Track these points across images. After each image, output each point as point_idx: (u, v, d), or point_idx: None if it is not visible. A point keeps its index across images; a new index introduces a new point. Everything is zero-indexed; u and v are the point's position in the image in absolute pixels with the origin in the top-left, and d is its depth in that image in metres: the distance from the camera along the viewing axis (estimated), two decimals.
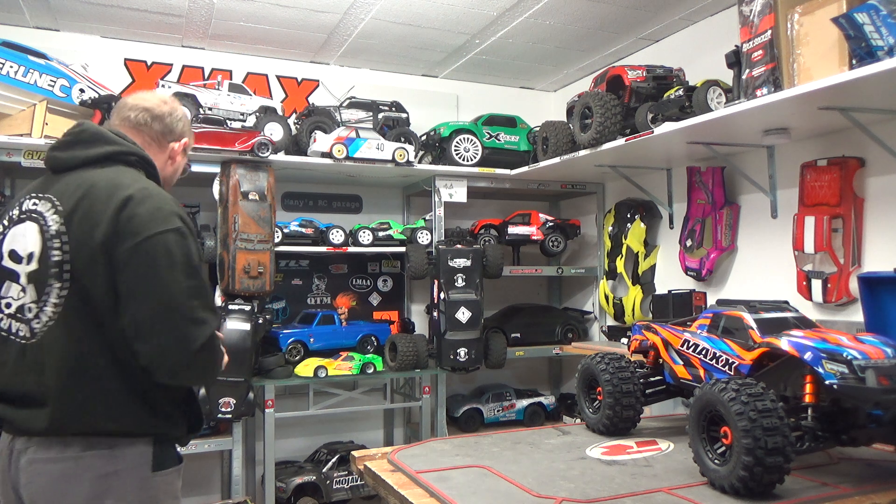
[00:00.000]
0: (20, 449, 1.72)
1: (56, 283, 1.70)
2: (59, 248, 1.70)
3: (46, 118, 3.69)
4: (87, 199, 1.73)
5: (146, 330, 1.67)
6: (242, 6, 3.92)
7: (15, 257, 1.75)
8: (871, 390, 1.79)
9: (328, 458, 4.23)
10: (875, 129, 2.88)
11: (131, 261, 1.68)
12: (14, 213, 1.82)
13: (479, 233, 4.68)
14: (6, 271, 1.75)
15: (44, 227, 1.74)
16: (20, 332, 1.73)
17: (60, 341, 1.70)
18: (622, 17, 4.07)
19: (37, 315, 1.72)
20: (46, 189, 1.81)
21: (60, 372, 1.69)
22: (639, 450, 2.31)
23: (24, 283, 1.72)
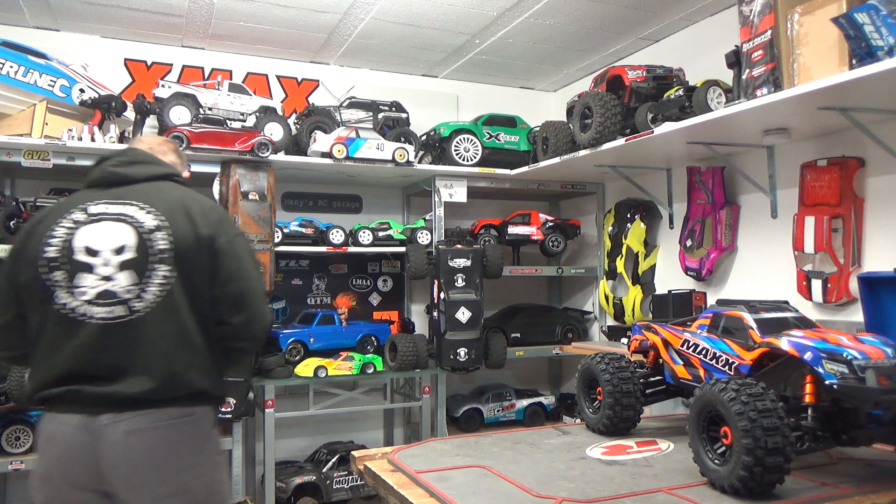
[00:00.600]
0: (107, 423, 1.94)
1: (163, 267, 2.05)
2: (165, 238, 2.06)
3: (46, 118, 3.69)
4: (183, 202, 2.15)
5: (241, 303, 2.13)
6: (242, 6, 3.92)
7: (90, 252, 2.04)
8: (871, 390, 1.79)
9: (328, 458, 4.23)
10: (875, 129, 2.88)
11: (229, 251, 2.13)
12: (79, 216, 2.09)
13: (479, 233, 4.68)
14: (80, 264, 2.03)
15: (136, 223, 2.07)
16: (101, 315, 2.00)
17: (167, 317, 2.03)
18: (622, 17, 4.07)
19: (138, 296, 2.02)
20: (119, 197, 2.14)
21: (169, 341, 2.03)
22: (639, 450, 2.31)
23: (109, 272, 2.02)
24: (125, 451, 1.95)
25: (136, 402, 1.97)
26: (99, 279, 2.01)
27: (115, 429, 1.95)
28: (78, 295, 2.01)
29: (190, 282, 2.08)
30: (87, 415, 1.96)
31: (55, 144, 3.58)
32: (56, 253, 2.04)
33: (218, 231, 2.14)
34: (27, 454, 3.44)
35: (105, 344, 2.00)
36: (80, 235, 2.06)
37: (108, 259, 2.03)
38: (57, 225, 2.08)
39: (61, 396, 2.00)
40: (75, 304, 2.01)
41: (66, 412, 1.99)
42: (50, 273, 2.03)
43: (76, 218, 2.09)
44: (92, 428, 1.95)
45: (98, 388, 1.97)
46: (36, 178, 4.03)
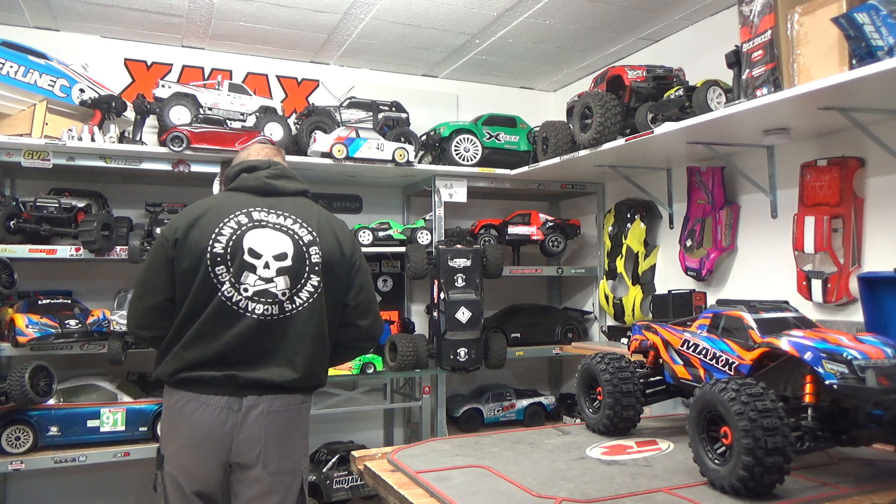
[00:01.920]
0: (251, 404, 2.29)
1: (315, 277, 2.40)
2: (317, 252, 2.42)
3: (46, 118, 3.69)
4: (328, 222, 2.53)
5: (368, 310, 2.56)
6: (242, 6, 3.92)
7: (254, 254, 2.35)
8: (871, 390, 1.79)
9: (328, 458, 4.23)
10: (875, 129, 2.88)
11: (361, 266, 2.56)
12: (243, 220, 2.39)
13: (479, 233, 4.68)
14: (246, 264, 2.34)
15: (295, 236, 2.41)
16: (260, 311, 2.31)
17: (311, 319, 2.38)
18: (622, 17, 4.07)
19: (290, 298, 2.36)
20: (273, 206, 2.45)
21: (312, 340, 2.37)
22: (639, 450, 2.31)
23: (269, 275, 2.34)
24: (263, 428, 2.29)
25: (275, 388, 2.32)
26: (259, 279, 2.33)
27: (257, 409, 2.29)
28: (241, 291, 2.31)
29: (331, 291, 2.44)
30: (233, 396, 2.28)
31: (55, 144, 3.58)
32: (222, 249, 2.33)
33: (354, 250, 2.56)
34: (27, 454, 3.44)
35: (258, 336, 2.31)
36: (247, 238, 2.36)
37: (268, 262, 2.35)
38: (224, 223, 2.36)
39: (214, 380, 2.27)
40: (238, 297, 2.31)
41: (214, 394, 2.28)
42: (215, 267, 2.31)
43: (241, 220, 2.39)
44: (236, 408, 2.28)
45: (248, 373, 2.29)
46: (36, 178, 4.03)
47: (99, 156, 3.70)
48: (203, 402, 2.28)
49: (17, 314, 3.49)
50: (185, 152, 3.77)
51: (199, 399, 2.29)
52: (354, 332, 2.56)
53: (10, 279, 3.53)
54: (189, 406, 2.29)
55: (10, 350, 3.50)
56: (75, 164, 3.66)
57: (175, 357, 2.31)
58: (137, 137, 3.95)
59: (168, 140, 3.72)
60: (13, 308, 3.59)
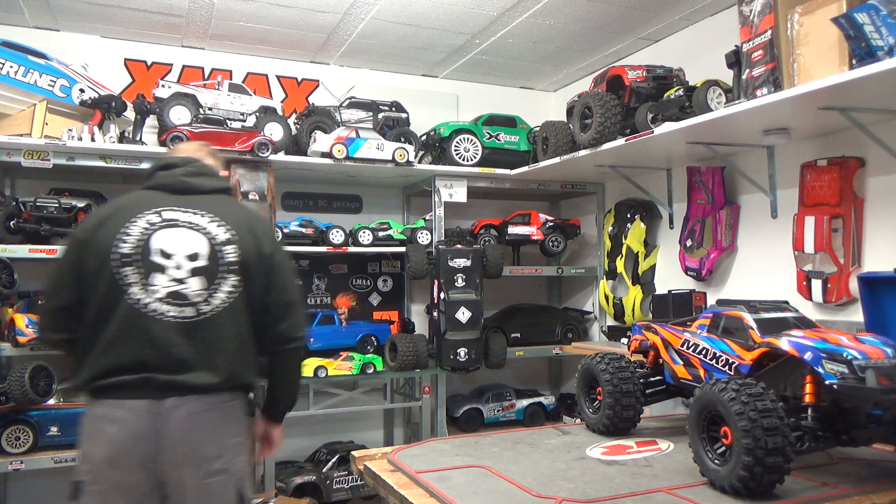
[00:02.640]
0: (172, 406, 2.15)
1: (232, 277, 2.27)
2: (234, 252, 2.29)
3: (46, 118, 3.69)
4: (247, 220, 2.40)
5: (288, 311, 2.40)
6: (242, 6, 3.92)
7: (164, 254, 2.23)
8: (871, 390, 1.79)
9: (328, 458, 4.23)
10: (875, 129, 2.88)
11: (281, 266, 2.40)
12: (153, 219, 2.26)
13: (479, 233, 4.68)
14: (153, 264, 2.21)
15: (209, 235, 2.28)
16: (172, 313, 2.20)
17: (230, 320, 2.27)
18: (622, 17, 4.07)
19: (206, 300, 2.23)
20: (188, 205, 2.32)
21: (232, 342, 2.27)
22: (639, 450, 2.31)
23: (181, 276, 2.22)
24: (188, 430, 2.17)
25: (197, 389, 2.20)
26: (170, 280, 2.21)
27: (180, 410, 2.16)
28: (151, 292, 2.19)
29: (250, 291, 2.32)
30: (153, 399, 2.15)
31: (55, 144, 3.58)
32: (130, 250, 2.21)
33: (275, 249, 2.43)
34: (27, 454, 3.44)
35: (175, 340, 2.19)
36: (155, 237, 2.24)
37: (180, 263, 2.23)
38: (131, 223, 2.24)
39: (131, 383, 2.15)
40: (148, 300, 2.19)
41: (132, 398, 2.15)
42: (122, 268, 2.20)
43: (151, 220, 2.27)
44: (157, 411, 2.14)
45: (168, 376, 2.17)
46: (36, 178, 4.02)
47: (99, 156, 3.70)
48: (122, 408, 2.14)
49: (17, 314, 3.49)
50: None
51: (119, 405, 2.15)
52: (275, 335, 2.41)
53: (10, 279, 3.53)
54: (108, 415, 2.15)
55: (10, 350, 3.50)
56: (75, 164, 3.66)
57: (90, 365, 2.19)
58: (137, 137, 3.95)
59: (168, 140, 3.72)
60: (13, 308, 3.59)
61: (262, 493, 3.92)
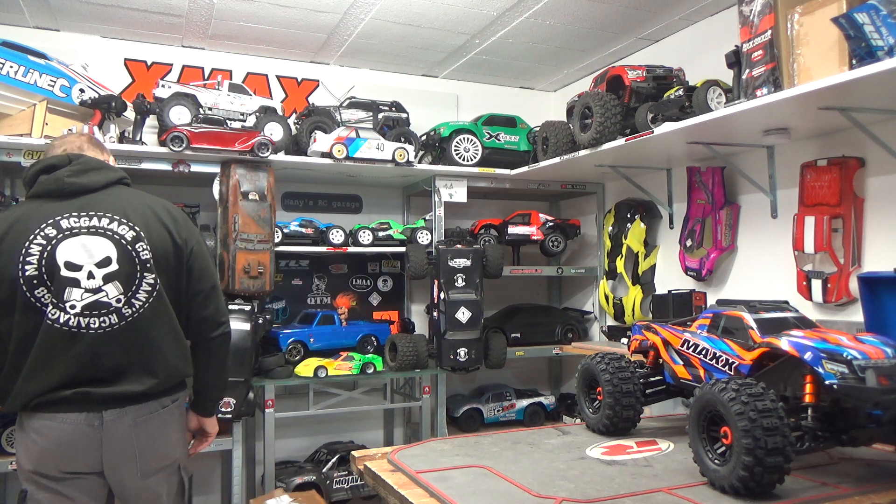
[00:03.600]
0: (112, 418, 2.12)
1: (149, 275, 2.20)
2: (145, 248, 2.20)
3: (46, 118, 3.69)
4: (152, 209, 2.29)
5: (210, 296, 2.36)
6: (242, 6, 3.92)
7: (72, 267, 2.11)
8: (871, 390, 1.79)
9: (328, 458, 4.23)
10: (875, 129, 2.88)
11: (197, 251, 2.35)
12: (50, 232, 2.12)
13: (479, 233, 4.68)
14: (67, 279, 2.10)
15: (115, 236, 2.17)
16: (95, 325, 2.12)
17: (157, 318, 2.21)
18: (622, 17, 4.07)
19: (128, 303, 2.16)
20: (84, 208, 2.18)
21: (163, 339, 2.22)
22: (639, 450, 2.31)
23: (95, 285, 2.12)
24: (131, 440, 2.15)
25: (138, 398, 2.16)
26: (85, 292, 2.11)
27: (122, 423, 2.13)
28: (68, 309, 2.09)
29: (169, 282, 2.27)
30: (91, 412, 2.10)
31: None
32: (35, 271, 2.08)
33: (189, 235, 2.35)
34: None
35: (103, 350, 2.12)
36: (59, 251, 2.10)
37: (91, 272, 2.13)
38: (29, 242, 2.10)
39: (66, 399, 2.08)
40: (66, 317, 2.09)
41: (67, 412, 2.08)
42: (33, 291, 2.08)
43: (48, 233, 2.12)
44: (96, 424, 2.10)
45: (103, 389, 2.11)
46: None
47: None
48: (59, 421, 2.07)
49: None
50: (185, 152, 3.77)
51: (56, 419, 2.08)
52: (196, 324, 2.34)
53: None
54: (44, 430, 2.08)
55: None
56: None
57: (18, 393, 2.09)
58: (137, 137, 3.95)
59: (168, 140, 3.72)
60: None
61: (265, 494, 3.93)
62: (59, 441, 2.09)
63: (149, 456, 2.20)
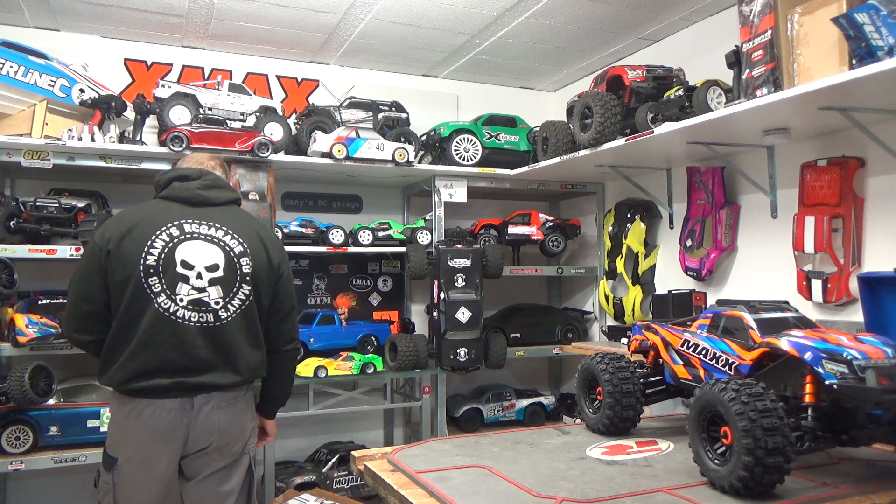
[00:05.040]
0: (201, 403, 2.44)
1: (246, 286, 2.54)
2: (248, 263, 2.55)
3: (46, 118, 3.69)
4: (257, 231, 2.66)
5: (289, 315, 2.73)
6: (242, 6, 3.92)
7: (186, 265, 2.46)
8: (871, 390, 1.79)
9: (328, 458, 4.23)
10: (875, 129, 2.88)
11: (286, 276, 2.72)
12: (174, 232, 2.48)
13: (479, 233, 4.68)
14: (179, 275, 2.44)
15: (226, 248, 2.53)
16: (195, 319, 2.43)
17: (245, 325, 2.53)
18: (622, 17, 4.07)
19: (224, 307, 2.49)
20: (205, 218, 2.56)
21: (247, 344, 2.53)
22: (639, 450, 2.31)
23: (202, 285, 2.46)
24: (216, 422, 2.46)
25: (222, 388, 2.47)
26: (192, 289, 2.45)
27: (207, 406, 2.45)
28: (177, 301, 2.42)
29: (260, 297, 2.59)
30: (184, 398, 2.42)
31: (55, 144, 3.58)
32: (154, 262, 2.42)
33: (282, 259, 2.71)
34: (27, 454, 3.44)
35: (198, 342, 2.42)
36: (179, 250, 2.46)
37: (201, 273, 2.47)
38: (155, 236, 2.45)
39: (165, 388, 2.38)
40: (175, 308, 2.42)
41: (166, 398, 2.40)
42: (148, 278, 2.40)
43: (172, 233, 2.48)
44: (188, 407, 2.42)
45: (195, 378, 2.41)
46: (36, 178, 4.02)
47: (99, 156, 3.71)
48: (158, 406, 2.40)
49: (17, 314, 3.49)
50: (185, 152, 3.77)
51: (154, 404, 2.40)
52: (273, 336, 2.70)
53: (10, 279, 3.53)
54: (145, 412, 2.40)
55: (10, 350, 3.50)
56: (75, 164, 3.66)
57: (122, 367, 2.39)
58: (137, 137, 3.95)
59: (168, 140, 3.72)
60: (13, 308, 3.59)
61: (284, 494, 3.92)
62: (156, 424, 2.39)
63: (226, 437, 2.50)
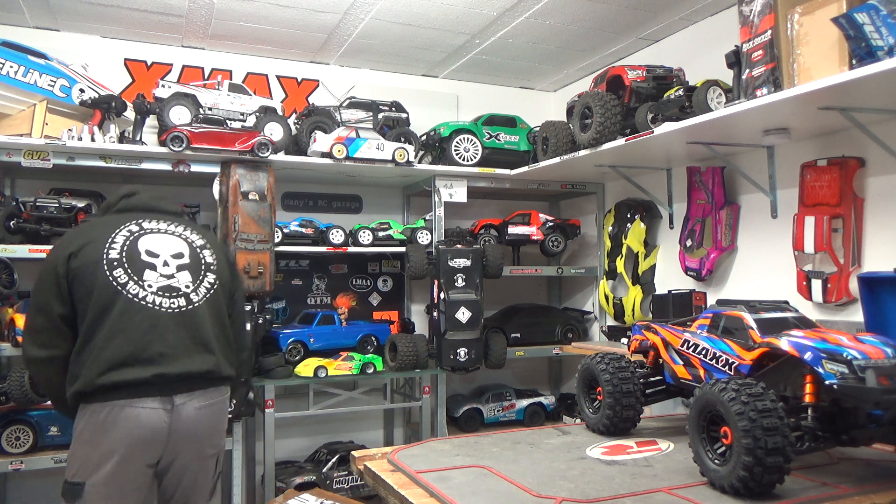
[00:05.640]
0: (182, 402, 2.36)
1: (211, 275, 2.59)
2: (210, 255, 2.63)
3: (46, 118, 3.69)
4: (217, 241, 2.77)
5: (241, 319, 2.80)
6: (242, 6, 3.92)
7: (151, 254, 2.49)
8: (871, 390, 1.79)
9: (328, 458, 4.23)
10: (875, 129, 2.88)
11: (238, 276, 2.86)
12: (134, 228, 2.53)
13: (479, 233, 4.68)
14: (146, 263, 2.46)
15: (187, 239, 2.61)
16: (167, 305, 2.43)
17: (213, 312, 2.54)
18: (622, 17, 4.07)
19: (194, 290, 2.51)
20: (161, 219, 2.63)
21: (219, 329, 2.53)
22: (639, 450, 2.31)
23: (169, 272, 2.49)
24: (195, 423, 2.39)
25: (200, 381, 2.42)
26: (161, 276, 2.46)
27: (189, 406, 2.37)
28: (146, 287, 2.42)
29: (224, 288, 2.63)
30: (164, 396, 2.33)
31: (55, 144, 3.58)
32: (117, 255, 2.42)
33: (233, 261, 2.82)
34: (27, 454, 3.44)
35: (172, 327, 2.40)
36: (141, 242, 2.50)
37: (167, 261, 2.50)
38: (115, 233, 2.48)
39: (144, 381, 2.29)
40: (144, 293, 2.40)
41: (144, 396, 2.30)
42: (113, 270, 2.39)
43: (132, 229, 2.52)
44: (168, 408, 2.33)
45: (174, 367, 2.35)
46: (36, 178, 4.02)
47: (99, 156, 3.71)
48: (136, 407, 2.28)
49: (17, 314, 3.49)
50: (185, 152, 3.77)
51: (132, 404, 2.28)
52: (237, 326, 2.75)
53: (10, 279, 3.53)
54: (122, 413, 2.27)
55: (10, 350, 3.50)
56: (75, 164, 3.66)
57: (95, 360, 2.28)
58: (137, 137, 3.95)
59: (168, 140, 3.72)
60: (13, 308, 3.59)
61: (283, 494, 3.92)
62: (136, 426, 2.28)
63: (204, 441, 2.45)
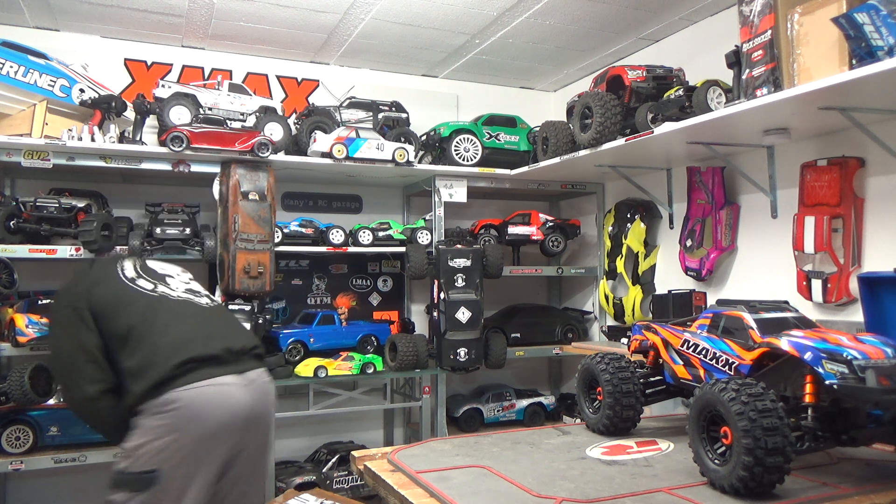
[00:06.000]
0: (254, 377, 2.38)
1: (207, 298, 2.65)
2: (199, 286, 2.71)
3: (46, 118, 3.69)
4: None
5: None
6: (242, 6, 3.92)
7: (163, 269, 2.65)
8: (871, 390, 1.79)
9: (328, 458, 4.23)
10: (875, 129, 2.88)
11: None
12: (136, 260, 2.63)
13: (479, 233, 4.68)
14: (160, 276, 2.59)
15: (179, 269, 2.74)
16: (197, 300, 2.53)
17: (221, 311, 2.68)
18: (622, 17, 4.07)
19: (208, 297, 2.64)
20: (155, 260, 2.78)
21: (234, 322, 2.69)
22: (639, 450, 2.31)
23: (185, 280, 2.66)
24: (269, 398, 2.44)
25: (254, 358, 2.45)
26: (180, 282, 2.61)
27: (260, 379, 2.40)
28: (173, 288, 2.53)
29: None
30: (238, 374, 2.31)
31: (55, 144, 3.58)
32: (133, 273, 2.52)
33: None
34: (27, 454, 3.44)
35: (211, 316, 2.51)
36: (148, 264, 2.63)
37: (178, 276, 2.65)
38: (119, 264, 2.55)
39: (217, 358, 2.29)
40: (174, 293, 2.51)
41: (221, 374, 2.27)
42: (135, 283, 2.47)
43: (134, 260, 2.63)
44: (244, 383, 2.32)
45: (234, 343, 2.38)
46: (36, 178, 4.02)
47: (99, 156, 3.71)
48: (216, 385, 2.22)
49: (17, 314, 3.49)
50: (185, 152, 3.77)
51: (212, 383, 2.22)
52: None
53: (10, 279, 3.54)
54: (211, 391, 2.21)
55: (10, 350, 3.50)
56: (75, 164, 3.66)
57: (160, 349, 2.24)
58: (137, 137, 3.95)
59: (168, 140, 3.72)
60: (13, 308, 3.59)
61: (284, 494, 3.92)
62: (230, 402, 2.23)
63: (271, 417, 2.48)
